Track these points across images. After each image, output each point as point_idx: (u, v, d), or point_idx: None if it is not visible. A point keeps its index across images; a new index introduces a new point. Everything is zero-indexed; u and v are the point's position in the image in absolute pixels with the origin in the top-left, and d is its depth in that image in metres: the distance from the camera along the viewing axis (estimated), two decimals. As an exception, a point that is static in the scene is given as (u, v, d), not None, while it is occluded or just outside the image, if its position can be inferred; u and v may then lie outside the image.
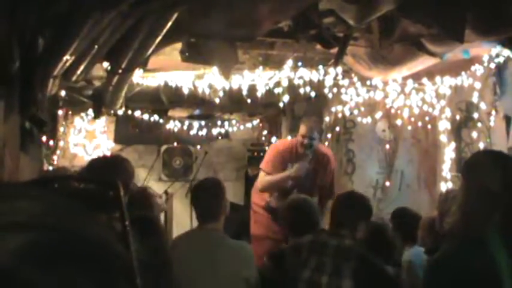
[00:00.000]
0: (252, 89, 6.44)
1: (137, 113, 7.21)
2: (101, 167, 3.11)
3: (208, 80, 6.40)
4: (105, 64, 5.37)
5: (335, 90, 6.47)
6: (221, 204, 3.56)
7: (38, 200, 0.51)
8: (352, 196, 3.78)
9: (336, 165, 5.73)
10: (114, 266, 0.51)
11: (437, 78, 6.03)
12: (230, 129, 8.33)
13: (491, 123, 5.66)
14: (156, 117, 7.45)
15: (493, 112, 5.64)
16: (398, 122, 6.55)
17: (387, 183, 6.86)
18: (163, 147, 8.32)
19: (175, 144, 8.38)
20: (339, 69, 6.16)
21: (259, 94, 6.42)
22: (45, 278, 0.46)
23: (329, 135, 7.10)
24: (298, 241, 3.34)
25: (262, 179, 5.29)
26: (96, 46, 4.48)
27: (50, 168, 5.67)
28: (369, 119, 6.75)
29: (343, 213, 3.48)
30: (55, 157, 6.19)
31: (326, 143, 7.12)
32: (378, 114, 6.73)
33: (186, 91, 6.52)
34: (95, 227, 0.52)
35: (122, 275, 0.51)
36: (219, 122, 8.23)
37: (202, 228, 3.56)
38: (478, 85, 5.68)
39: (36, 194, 0.53)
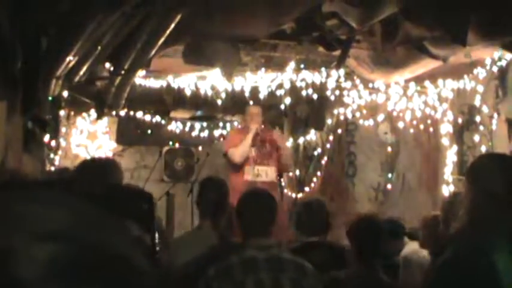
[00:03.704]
0: (254, 90, 6.44)
1: (139, 114, 7.21)
2: (92, 169, 3.10)
3: (211, 81, 6.40)
4: (108, 65, 5.38)
5: (337, 92, 6.47)
6: (225, 204, 3.69)
7: (72, 210, 0.50)
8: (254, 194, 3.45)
9: (286, 146, 6.61)
10: (141, 285, 0.50)
11: (440, 81, 6.02)
12: (232, 131, 8.33)
13: (493, 127, 5.65)
14: (158, 118, 7.45)
15: (495, 115, 5.62)
16: (401, 124, 6.54)
17: (389, 186, 6.85)
18: (165, 148, 8.31)
19: (177, 145, 8.38)
20: (342, 71, 6.15)
21: (261, 96, 6.42)
22: None
23: (331, 138, 7.10)
24: (226, 262, 3.02)
25: (235, 151, 6.03)
26: (99, 47, 4.48)
27: (52, 168, 5.67)
28: (371, 122, 6.74)
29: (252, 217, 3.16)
30: (57, 157, 6.19)
31: (328, 145, 7.13)
32: (380, 117, 6.72)
33: (188, 92, 6.52)
34: (125, 243, 0.51)
35: None
36: (221, 124, 8.23)
37: (202, 226, 3.70)
38: (480, 88, 5.67)
39: (71, 203, 0.52)
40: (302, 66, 6.16)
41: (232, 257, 3.04)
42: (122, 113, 6.77)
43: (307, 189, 7.30)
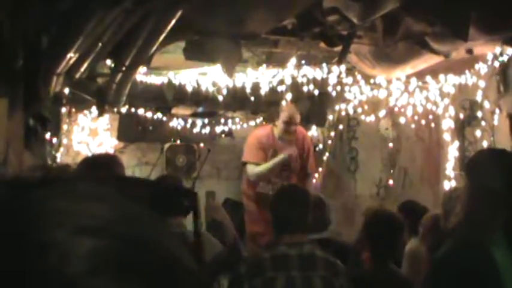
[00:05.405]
0: (256, 87, 6.44)
1: (141, 111, 7.21)
2: (94, 166, 3.10)
3: (212, 78, 6.40)
4: (109, 62, 5.37)
5: (338, 88, 6.46)
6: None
7: (112, 204, 0.49)
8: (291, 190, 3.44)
9: (311, 142, 6.00)
10: (184, 283, 0.48)
11: (441, 77, 6.01)
12: (233, 127, 8.33)
13: (495, 122, 5.64)
14: (159, 115, 7.45)
15: (497, 111, 5.62)
16: (402, 120, 6.54)
17: (390, 182, 6.85)
18: (167, 145, 8.32)
19: (178, 142, 8.38)
20: (343, 67, 6.15)
21: (262, 92, 6.42)
22: None
23: (332, 134, 7.09)
24: (258, 257, 3.00)
25: (254, 169, 5.46)
26: (100, 43, 4.48)
27: (53, 165, 5.67)
28: (372, 117, 6.74)
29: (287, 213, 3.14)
30: (58, 155, 6.19)
31: (329, 141, 7.12)
32: (382, 113, 6.71)
33: (189, 89, 6.52)
34: (168, 240, 0.50)
35: None
36: (222, 120, 8.23)
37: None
38: (482, 84, 5.66)
39: (111, 197, 0.50)
40: (303, 62, 6.15)
41: (264, 253, 3.01)
42: (123, 110, 6.77)
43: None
